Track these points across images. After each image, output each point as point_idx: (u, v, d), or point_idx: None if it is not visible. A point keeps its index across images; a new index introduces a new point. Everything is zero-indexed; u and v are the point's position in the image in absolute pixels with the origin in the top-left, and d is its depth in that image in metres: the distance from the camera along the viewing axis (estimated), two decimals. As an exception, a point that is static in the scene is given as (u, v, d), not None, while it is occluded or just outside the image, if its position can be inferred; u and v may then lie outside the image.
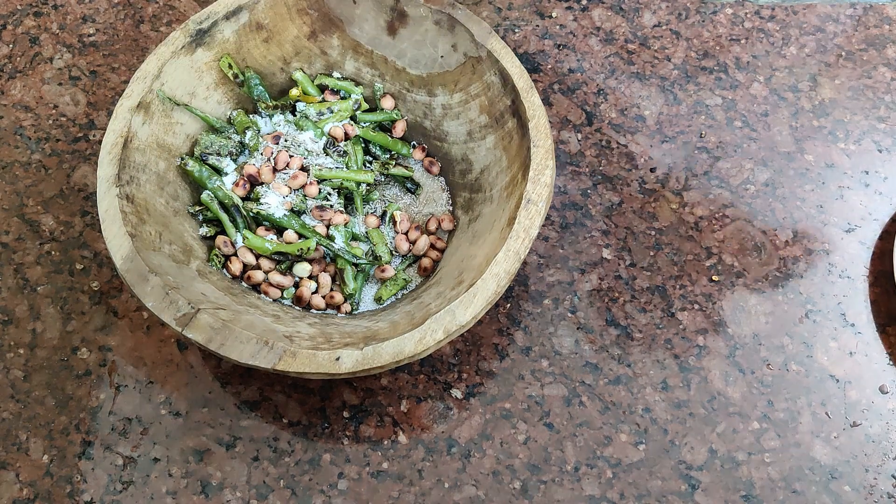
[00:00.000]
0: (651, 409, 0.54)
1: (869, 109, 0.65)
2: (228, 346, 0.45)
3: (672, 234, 0.60)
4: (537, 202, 0.49)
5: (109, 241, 0.47)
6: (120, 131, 0.51)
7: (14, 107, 0.63)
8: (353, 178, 0.57)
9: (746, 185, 0.62)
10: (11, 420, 0.53)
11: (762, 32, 0.68)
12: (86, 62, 0.65)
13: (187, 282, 0.48)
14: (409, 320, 0.48)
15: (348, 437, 0.53)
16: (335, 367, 0.45)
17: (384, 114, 0.60)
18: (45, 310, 0.56)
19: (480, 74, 0.55)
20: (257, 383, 0.54)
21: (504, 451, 0.53)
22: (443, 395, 0.54)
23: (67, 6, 0.68)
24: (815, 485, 0.52)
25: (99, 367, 0.54)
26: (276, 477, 0.52)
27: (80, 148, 0.62)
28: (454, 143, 0.58)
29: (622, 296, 0.57)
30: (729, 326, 0.57)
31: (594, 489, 0.52)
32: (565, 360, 0.55)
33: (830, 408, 0.54)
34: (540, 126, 0.51)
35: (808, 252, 0.59)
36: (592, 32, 0.68)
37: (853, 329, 0.57)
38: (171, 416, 0.53)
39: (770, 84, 0.66)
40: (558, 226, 0.60)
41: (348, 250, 0.55)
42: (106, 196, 0.48)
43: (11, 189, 0.60)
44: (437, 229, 0.57)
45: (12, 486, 0.51)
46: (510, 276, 0.47)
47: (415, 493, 0.51)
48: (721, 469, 0.52)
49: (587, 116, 0.64)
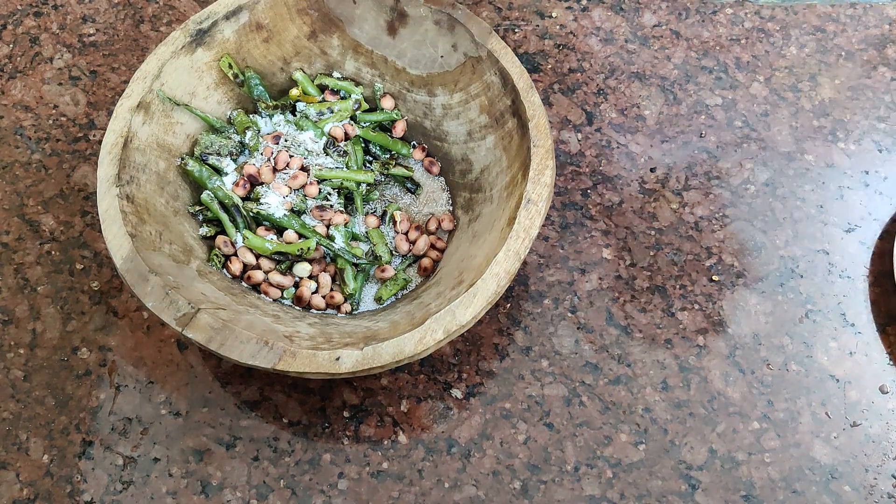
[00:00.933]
0: (651, 409, 0.54)
1: (869, 109, 0.65)
2: (228, 346, 0.45)
3: (672, 234, 0.60)
4: (537, 202, 0.49)
5: (109, 241, 0.47)
6: (120, 131, 0.51)
7: (14, 107, 0.63)
8: (353, 178, 0.57)
9: (746, 185, 0.62)
10: (11, 420, 0.53)
11: (762, 32, 0.68)
12: (86, 62, 0.65)
13: (187, 282, 0.48)
14: (409, 320, 0.48)
15: (348, 437, 0.53)
16: (335, 367, 0.45)
17: (384, 114, 0.60)
18: (45, 310, 0.56)
19: (480, 74, 0.55)
20: (257, 383, 0.54)
21: (504, 451, 0.53)
22: (443, 395, 0.54)
23: (67, 6, 0.68)
24: (815, 485, 0.52)
25: (99, 367, 0.54)
26: (276, 477, 0.52)
27: (80, 148, 0.62)
28: (454, 143, 0.58)
29: (622, 296, 0.57)
30: (729, 326, 0.57)
31: (594, 489, 0.52)
32: (565, 360, 0.55)
33: (830, 408, 0.54)
34: (540, 126, 0.51)
35: (808, 252, 0.59)
36: (592, 32, 0.68)
37: (853, 329, 0.57)
38: (171, 416, 0.53)
39: (770, 84, 0.66)
40: (558, 226, 0.60)
41: (348, 250, 0.55)
42: (106, 196, 0.48)
43: (11, 189, 0.60)
44: (437, 229, 0.57)
45: (12, 486, 0.51)
46: (510, 276, 0.47)
47: (415, 493, 0.51)
48: (721, 469, 0.52)
49: (587, 116, 0.64)
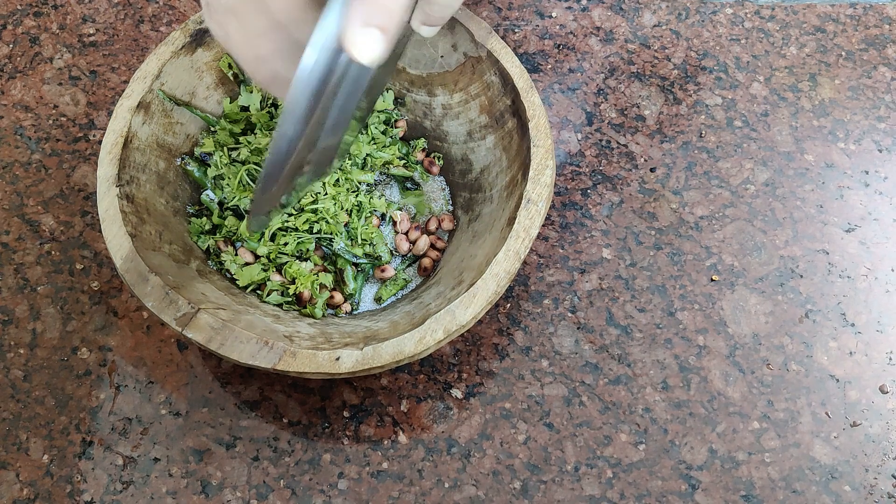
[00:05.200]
0: (651, 409, 0.54)
1: (869, 109, 0.65)
2: (228, 346, 0.45)
3: (672, 234, 0.60)
4: (537, 202, 0.49)
5: (109, 241, 0.47)
6: (120, 131, 0.51)
7: (14, 107, 0.63)
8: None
9: (746, 185, 0.62)
10: (11, 420, 0.53)
11: (762, 32, 0.68)
12: (86, 62, 0.65)
13: (187, 282, 0.48)
14: (409, 320, 0.48)
15: (348, 437, 0.53)
16: (335, 367, 0.45)
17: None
18: (45, 310, 0.56)
19: (480, 74, 0.55)
20: (257, 383, 0.54)
21: (504, 451, 0.53)
22: (443, 395, 0.54)
23: (67, 6, 0.68)
24: (815, 485, 0.52)
25: (99, 367, 0.54)
26: (276, 477, 0.52)
27: (80, 148, 0.62)
28: (454, 143, 0.58)
29: (622, 296, 0.57)
30: (729, 326, 0.57)
31: (594, 489, 0.52)
32: (565, 359, 0.55)
33: (830, 408, 0.54)
34: (540, 126, 0.51)
35: (808, 252, 0.59)
36: (592, 32, 0.67)
37: (853, 329, 0.57)
38: (171, 416, 0.53)
39: (770, 84, 0.66)
40: (558, 226, 0.60)
41: (348, 250, 0.55)
42: (106, 196, 0.48)
43: (11, 189, 0.60)
44: (437, 229, 0.57)
45: (12, 486, 0.51)
46: (510, 276, 0.47)
47: (415, 493, 0.51)
48: (721, 469, 0.52)
49: (587, 116, 0.64)
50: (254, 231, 0.43)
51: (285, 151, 0.37)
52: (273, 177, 0.38)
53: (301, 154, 0.38)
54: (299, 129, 0.36)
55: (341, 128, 0.40)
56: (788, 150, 0.63)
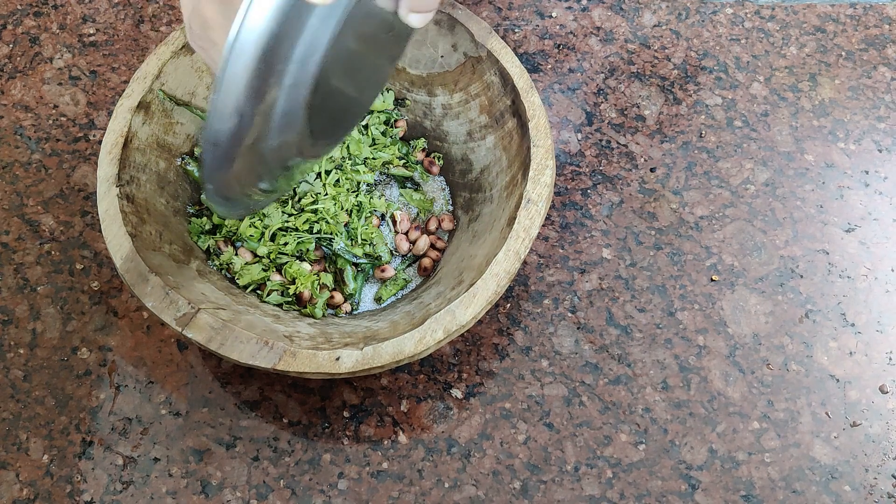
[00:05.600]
0: (651, 409, 0.54)
1: (869, 109, 0.65)
2: (228, 346, 0.45)
3: (672, 234, 0.60)
4: (537, 202, 0.49)
5: (109, 241, 0.47)
6: (120, 131, 0.51)
7: (14, 107, 0.63)
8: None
9: (746, 185, 0.62)
10: (11, 420, 0.53)
11: (762, 32, 0.68)
12: (86, 62, 0.65)
13: (187, 282, 0.48)
14: (409, 320, 0.48)
15: (348, 437, 0.53)
16: (335, 367, 0.45)
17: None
18: (45, 310, 0.56)
19: (480, 74, 0.55)
20: (257, 383, 0.54)
21: (504, 451, 0.53)
22: (443, 395, 0.54)
23: (67, 6, 0.68)
24: (815, 485, 0.52)
25: (99, 367, 0.54)
26: (276, 477, 0.52)
27: (80, 148, 0.62)
28: (454, 143, 0.58)
29: (622, 296, 0.57)
30: (729, 326, 0.57)
31: (594, 489, 0.52)
32: (565, 360, 0.55)
33: (830, 408, 0.54)
34: (540, 126, 0.51)
35: (808, 252, 0.59)
36: (592, 32, 0.67)
37: (853, 329, 0.57)
38: (171, 416, 0.53)
39: (770, 84, 0.66)
40: (558, 226, 0.60)
41: (348, 250, 0.55)
42: (106, 196, 0.48)
43: (11, 189, 0.60)
44: (437, 229, 0.57)
45: (12, 486, 0.51)
46: (510, 276, 0.47)
47: (415, 493, 0.51)
48: (721, 469, 0.52)
49: (587, 116, 0.64)
50: (231, 217, 0.39)
51: (230, 123, 0.31)
52: (224, 152, 0.33)
53: (259, 126, 0.33)
54: (241, 95, 0.31)
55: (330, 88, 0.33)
56: (788, 150, 0.63)
